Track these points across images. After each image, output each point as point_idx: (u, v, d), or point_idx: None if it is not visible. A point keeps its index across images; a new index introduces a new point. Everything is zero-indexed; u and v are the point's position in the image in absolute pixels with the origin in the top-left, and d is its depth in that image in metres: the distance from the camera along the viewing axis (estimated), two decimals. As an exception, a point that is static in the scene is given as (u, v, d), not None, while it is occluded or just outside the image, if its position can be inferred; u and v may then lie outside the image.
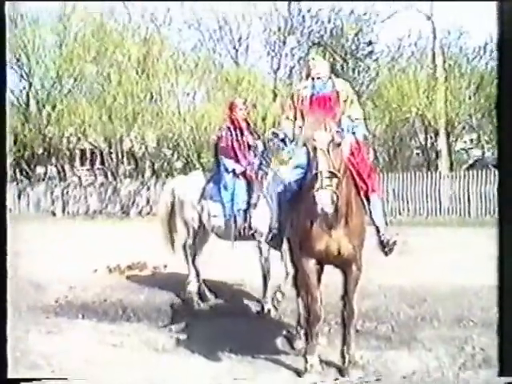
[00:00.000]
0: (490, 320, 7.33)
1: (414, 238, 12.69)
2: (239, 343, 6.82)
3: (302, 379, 6.14)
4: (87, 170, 27.35)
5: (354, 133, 6.24)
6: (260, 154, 8.27)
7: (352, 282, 6.14)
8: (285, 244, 6.71)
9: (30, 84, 24.60)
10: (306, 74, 6.69)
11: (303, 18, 24.86)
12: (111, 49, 24.01)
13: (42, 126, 24.50)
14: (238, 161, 8.36)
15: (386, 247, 6.41)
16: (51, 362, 6.39)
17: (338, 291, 6.28)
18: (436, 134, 23.79)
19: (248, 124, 8.57)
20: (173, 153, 25.26)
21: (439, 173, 21.97)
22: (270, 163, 8.05)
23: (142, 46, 24.44)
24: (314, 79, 6.54)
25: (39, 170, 25.68)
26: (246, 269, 8.92)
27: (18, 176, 24.64)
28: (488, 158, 24.10)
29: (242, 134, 8.38)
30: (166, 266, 10.36)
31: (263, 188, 8.11)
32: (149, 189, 22.73)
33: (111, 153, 25.53)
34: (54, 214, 23.55)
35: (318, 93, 6.49)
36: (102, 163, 26.12)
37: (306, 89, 6.54)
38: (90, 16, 24.30)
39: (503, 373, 6.07)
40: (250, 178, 8.29)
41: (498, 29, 6.17)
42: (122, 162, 25.52)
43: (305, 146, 5.76)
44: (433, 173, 21.81)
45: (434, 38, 23.76)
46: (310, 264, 6.01)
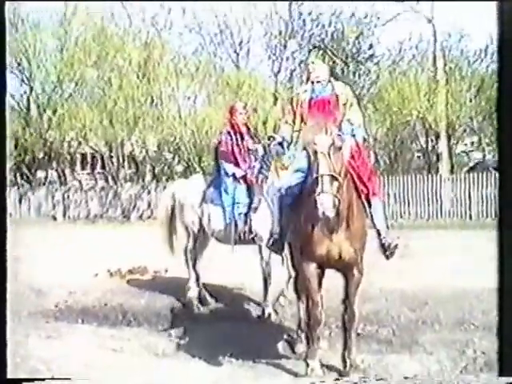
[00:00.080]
0: (491, 323, 7.30)
1: (415, 241, 12.66)
2: (240, 347, 6.80)
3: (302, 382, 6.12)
4: (88, 174, 27.36)
5: (353, 135, 6.21)
6: (260, 158, 8.24)
7: (353, 286, 6.11)
8: (286, 248, 6.69)
9: (31, 88, 24.63)
10: (306, 77, 6.69)
11: (304, 21, 24.88)
12: (112, 53, 24.04)
13: (42, 131, 24.52)
14: (238, 165, 8.34)
15: (388, 251, 6.38)
16: (51, 367, 6.36)
17: (338, 295, 6.26)
18: (437, 136, 23.78)
19: (248, 128, 8.55)
20: (173, 157, 25.27)
21: (440, 176, 21.95)
22: (271, 167, 8.02)
23: (142, 50, 24.46)
24: (313, 83, 6.52)
25: (40, 174, 25.69)
26: (247, 273, 8.90)
27: (18, 180, 24.64)
28: (489, 161, 24.08)
29: (242, 138, 8.37)
30: (166, 271, 10.34)
31: (264, 192, 8.09)
32: (149, 193, 22.73)
33: (112, 157, 25.53)
34: (54, 219, 23.54)
35: (317, 96, 6.46)
36: (103, 167, 26.13)
37: (305, 93, 6.53)
38: (90, 20, 24.32)
39: (503, 373, 6.03)
40: (250, 182, 8.27)
41: (498, 29, 6.15)
42: (123, 166, 25.52)
43: (305, 150, 5.74)
44: (434, 176, 21.81)
45: (435, 41, 23.77)
46: (311, 268, 5.99)
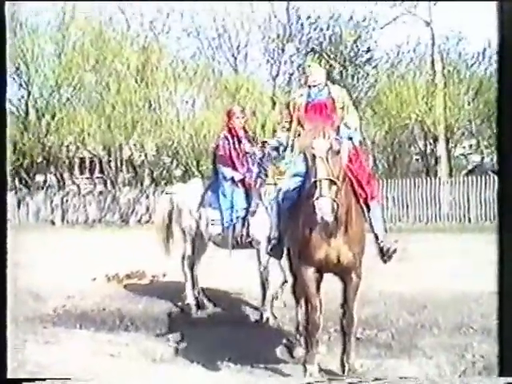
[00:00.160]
0: (491, 327, 7.29)
1: (414, 245, 12.65)
2: (238, 352, 6.76)
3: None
4: (86, 178, 27.35)
5: (350, 139, 6.19)
6: (258, 162, 8.22)
7: (352, 290, 6.08)
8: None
9: (29, 93, 24.66)
10: (303, 81, 6.68)
11: (302, 25, 24.93)
12: (110, 57, 24.07)
13: (41, 135, 24.53)
14: (236, 169, 8.31)
15: (385, 255, 6.36)
16: (48, 373, 6.31)
17: (337, 298, 6.23)
18: (435, 140, 23.81)
19: (246, 132, 8.53)
20: (172, 161, 25.28)
21: (439, 179, 21.96)
22: (268, 171, 8.00)
23: (140, 54, 24.47)
24: (310, 87, 6.51)
25: (38, 178, 25.70)
26: (245, 277, 8.88)
27: (17, 185, 24.63)
28: (487, 164, 24.11)
29: (239, 141, 8.35)
30: (164, 275, 10.32)
31: (262, 196, 8.07)
32: (148, 197, 22.73)
33: (110, 161, 25.55)
34: (53, 223, 23.53)
35: (313, 100, 6.46)
36: (102, 171, 26.13)
37: (301, 97, 6.52)
38: (88, 25, 24.33)
39: (503, 373, 6.01)
40: (248, 185, 8.25)
41: (497, 30, 6.13)
42: (122, 170, 25.53)
43: (303, 154, 5.72)
44: (432, 179, 21.81)
45: (433, 44, 23.80)
46: (310, 272, 5.96)
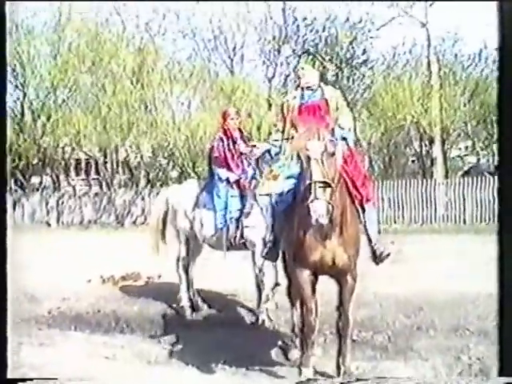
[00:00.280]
0: (487, 329, 7.30)
1: (410, 246, 12.65)
2: (233, 354, 6.74)
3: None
4: (82, 179, 27.31)
5: (345, 139, 6.17)
6: (254, 164, 8.20)
7: (347, 293, 6.06)
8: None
9: (25, 94, 24.61)
10: (297, 83, 6.65)
11: (298, 26, 24.92)
12: (106, 59, 24.02)
13: (36, 137, 24.48)
14: (231, 170, 8.31)
15: (378, 258, 6.34)
16: (42, 375, 6.29)
17: (333, 300, 6.22)
18: (431, 141, 23.81)
19: (241, 133, 8.52)
20: (168, 162, 25.23)
21: (434, 180, 21.96)
22: (264, 173, 7.97)
23: (136, 55, 24.43)
24: (303, 89, 6.48)
25: (34, 180, 25.63)
26: (240, 279, 8.86)
27: (12, 186, 24.56)
28: (483, 165, 24.13)
29: (234, 143, 8.34)
30: (160, 276, 10.31)
31: (256, 197, 8.04)
32: (143, 198, 22.69)
33: (106, 162, 25.50)
34: (48, 225, 23.48)
35: (307, 102, 6.42)
36: (97, 173, 26.09)
37: (294, 99, 6.49)
38: (84, 26, 24.30)
39: (503, 373, 6.00)
40: (243, 187, 8.24)
41: (498, 30, 6.12)
42: (117, 172, 25.48)
43: (297, 156, 5.69)
44: (428, 180, 21.81)
45: (429, 46, 23.81)
46: (305, 275, 5.93)
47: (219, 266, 8.85)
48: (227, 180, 8.30)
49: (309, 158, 5.45)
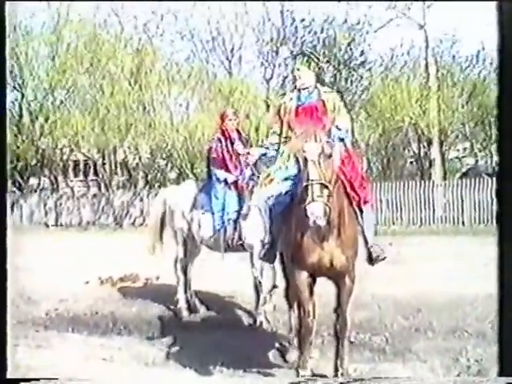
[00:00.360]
0: (485, 330, 7.29)
1: (408, 248, 12.68)
2: (231, 356, 6.71)
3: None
4: (80, 181, 27.29)
5: (342, 140, 6.15)
6: (252, 165, 8.15)
7: (345, 294, 6.03)
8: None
9: (23, 95, 24.60)
10: (294, 84, 6.62)
11: (296, 28, 24.92)
12: (104, 60, 24.02)
13: (35, 138, 24.48)
14: (229, 171, 8.29)
15: (373, 260, 6.31)
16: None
17: (330, 302, 6.19)
18: (429, 142, 23.82)
19: (240, 133, 8.50)
20: (166, 163, 25.22)
21: (432, 182, 21.98)
22: (261, 174, 7.94)
23: (134, 57, 24.43)
24: (299, 90, 6.45)
25: (32, 181, 25.62)
26: (238, 280, 8.84)
27: (10, 187, 24.53)
28: (481, 167, 24.15)
29: (232, 144, 8.32)
30: (158, 278, 10.29)
31: (254, 199, 8.02)
32: (142, 200, 22.68)
33: (104, 164, 25.49)
34: (47, 226, 23.46)
35: (303, 103, 6.39)
36: (96, 174, 26.07)
37: (291, 101, 6.46)
38: (82, 27, 24.28)
39: (503, 373, 5.98)
40: (241, 188, 8.22)
41: (497, 31, 6.10)
42: (116, 173, 25.47)
43: (295, 158, 5.67)
44: (426, 182, 21.83)
45: (427, 47, 23.83)
46: (302, 277, 5.91)
47: (217, 267, 8.83)
48: (225, 181, 8.28)
49: (306, 160, 5.43)
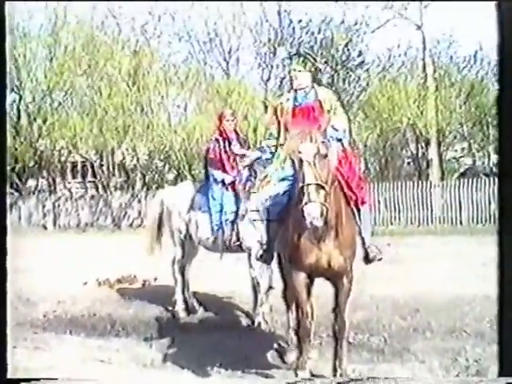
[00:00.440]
0: (484, 330, 7.28)
1: (406, 248, 12.69)
2: (229, 357, 6.70)
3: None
4: (78, 182, 27.27)
5: (340, 140, 6.14)
6: (249, 166, 8.14)
7: (343, 295, 6.01)
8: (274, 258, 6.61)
9: (21, 97, 24.56)
10: (291, 85, 6.60)
11: (293, 29, 24.94)
12: (102, 62, 24.01)
13: (33, 139, 24.46)
14: (226, 171, 8.28)
15: (370, 261, 6.30)
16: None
17: (328, 303, 6.17)
18: (427, 143, 23.83)
19: (237, 134, 8.49)
20: (164, 165, 25.22)
21: (430, 182, 21.99)
22: (258, 175, 7.94)
23: (132, 58, 24.42)
24: (296, 91, 6.41)
25: (30, 183, 25.59)
26: (236, 281, 8.83)
27: (8, 189, 24.49)
28: (479, 167, 24.17)
29: (230, 144, 8.31)
30: (156, 279, 10.28)
31: (251, 199, 8.01)
32: (140, 201, 22.67)
33: (102, 165, 25.47)
34: (45, 228, 23.44)
35: (300, 104, 6.36)
36: (94, 176, 26.05)
37: (288, 101, 6.42)
38: (80, 29, 24.27)
39: (502, 373, 5.97)
40: (238, 189, 8.21)
41: (497, 30, 6.10)
42: (114, 175, 25.45)
43: (290, 159, 5.66)
44: (424, 182, 21.84)
45: (424, 48, 23.85)
46: (300, 278, 5.89)
47: (215, 268, 8.83)
48: (222, 182, 8.27)
49: (301, 161, 5.40)
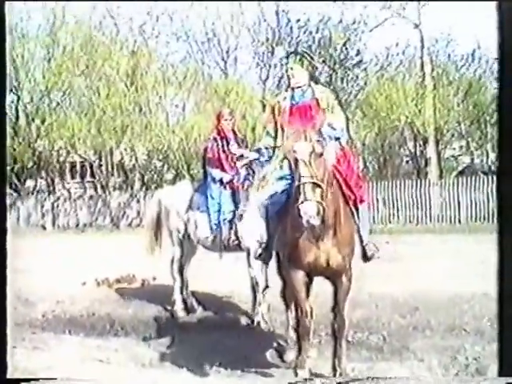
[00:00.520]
0: (483, 328, 7.28)
1: (405, 246, 12.70)
2: (228, 356, 6.70)
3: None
4: (77, 182, 27.26)
5: (338, 139, 6.12)
6: (247, 165, 8.13)
7: (342, 293, 6.00)
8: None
9: (19, 98, 24.54)
10: (287, 84, 6.59)
11: (291, 28, 24.94)
12: (100, 62, 24.00)
13: (31, 140, 24.45)
14: (224, 171, 8.28)
15: (367, 259, 6.30)
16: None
17: (327, 301, 6.17)
18: (425, 141, 23.84)
19: (235, 134, 8.49)
20: (163, 164, 25.21)
21: (429, 180, 22.00)
22: (257, 174, 7.93)
23: (130, 58, 24.41)
24: (293, 89, 6.38)
25: (29, 183, 25.58)
26: (235, 280, 8.82)
27: (7, 190, 24.46)
28: (477, 165, 24.19)
29: (228, 143, 8.31)
30: (154, 279, 10.28)
31: (250, 199, 8.01)
32: (138, 201, 22.67)
33: (101, 165, 25.47)
34: (44, 228, 23.44)
35: (297, 103, 6.33)
36: (92, 176, 26.05)
37: (285, 100, 6.39)
38: (78, 29, 24.27)
39: (502, 373, 5.97)
40: (236, 188, 8.21)
41: (497, 30, 6.10)
42: (112, 175, 25.45)
43: (286, 158, 5.64)
44: (422, 180, 21.84)
45: (422, 47, 23.86)
46: (299, 276, 5.89)
47: (214, 267, 8.82)
48: (221, 181, 8.27)
49: (297, 160, 5.39)
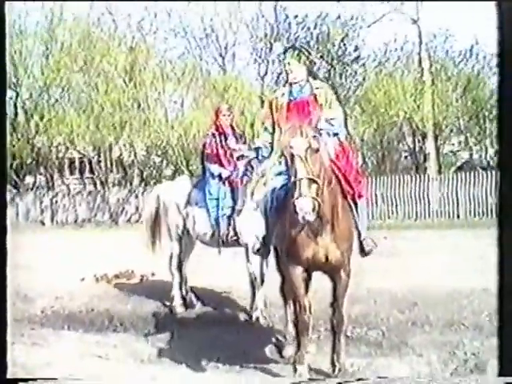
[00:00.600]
0: (482, 324, 7.28)
1: (404, 241, 12.71)
2: (227, 352, 6.69)
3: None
4: (76, 178, 27.26)
5: (336, 134, 6.11)
6: (246, 160, 8.12)
7: (341, 289, 6.00)
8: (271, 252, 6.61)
9: (18, 94, 24.53)
10: (285, 79, 6.57)
11: (289, 24, 24.93)
12: (98, 58, 23.98)
13: (30, 136, 24.45)
14: (223, 166, 8.28)
15: (365, 253, 6.29)
16: (35, 375, 6.24)
17: (326, 297, 6.17)
18: (424, 137, 23.85)
19: (234, 129, 8.48)
20: (162, 160, 25.22)
21: (428, 176, 22.01)
22: (256, 170, 7.92)
23: (128, 54, 24.39)
24: (291, 85, 6.35)
25: (28, 179, 25.59)
26: (234, 276, 8.82)
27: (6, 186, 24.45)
28: (476, 160, 24.21)
29: (226, 139, 8.31)
30: (153, 274, 10.28)
31: (248, 194, 8.00)
32: (137, 197, 22.67)
33: (100, 161, 25.47)
34: (43, 224, 23.45)
35: (295, 98, 6.30)
36: (91, 172, 26.05)
37: (283, 96, 6.36)
38: (76, 26, 24.25)
39: (502, 373, 5.97)
40: (235, 183, 8.20)
41: (497, 30, 6.09)
42: (111, 171, 25.45)
43: (283, 154, 5.63)
44: (421, 176, 21.86)
45: (420, 42, 23.86)
46: (298, 272, 5.88)
47: (213, 263, 8.82)
48: (219, 176, 8.26)
49: (293, 156, 5.37)
